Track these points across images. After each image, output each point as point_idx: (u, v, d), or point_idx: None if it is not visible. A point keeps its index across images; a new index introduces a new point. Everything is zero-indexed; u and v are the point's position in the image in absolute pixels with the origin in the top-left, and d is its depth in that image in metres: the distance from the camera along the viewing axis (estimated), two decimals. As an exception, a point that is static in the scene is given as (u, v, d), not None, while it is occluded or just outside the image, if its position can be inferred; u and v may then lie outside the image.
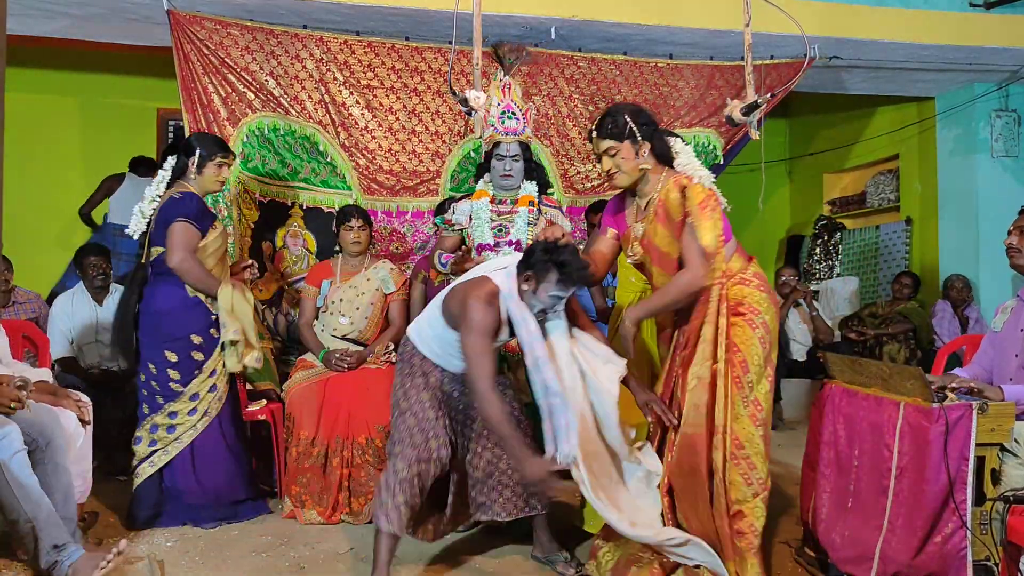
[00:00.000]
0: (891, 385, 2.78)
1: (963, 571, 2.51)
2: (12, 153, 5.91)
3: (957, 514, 2.50)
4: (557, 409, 2.62)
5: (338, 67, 4.56)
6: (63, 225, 6.66)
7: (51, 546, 2.67)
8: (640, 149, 2.79)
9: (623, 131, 2.78)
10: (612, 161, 2.81)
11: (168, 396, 3.51)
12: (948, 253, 6.48)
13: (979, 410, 2.54)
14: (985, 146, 6.25)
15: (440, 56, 4.70)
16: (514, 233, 3.54)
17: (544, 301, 2.69)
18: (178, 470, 3.51)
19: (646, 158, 2.80)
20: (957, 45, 5.31)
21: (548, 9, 4.66)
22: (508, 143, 3.53)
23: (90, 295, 4.71)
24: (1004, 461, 2.62)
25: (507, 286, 2.71)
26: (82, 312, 4.65)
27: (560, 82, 4.93)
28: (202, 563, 3.16)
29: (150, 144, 7.08)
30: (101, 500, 3.81)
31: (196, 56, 4.30)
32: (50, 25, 4.80)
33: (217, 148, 3.61)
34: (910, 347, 5.92)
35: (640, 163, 2.81)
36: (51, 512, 2.71)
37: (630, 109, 2.85)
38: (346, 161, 4.55)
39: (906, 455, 2.63)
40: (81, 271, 4.74)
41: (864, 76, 5.93)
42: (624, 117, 2.79)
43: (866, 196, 7.46)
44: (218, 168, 3.59)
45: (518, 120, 3.54)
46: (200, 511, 3.54)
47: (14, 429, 2.70)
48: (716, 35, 4.94)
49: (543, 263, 2.65)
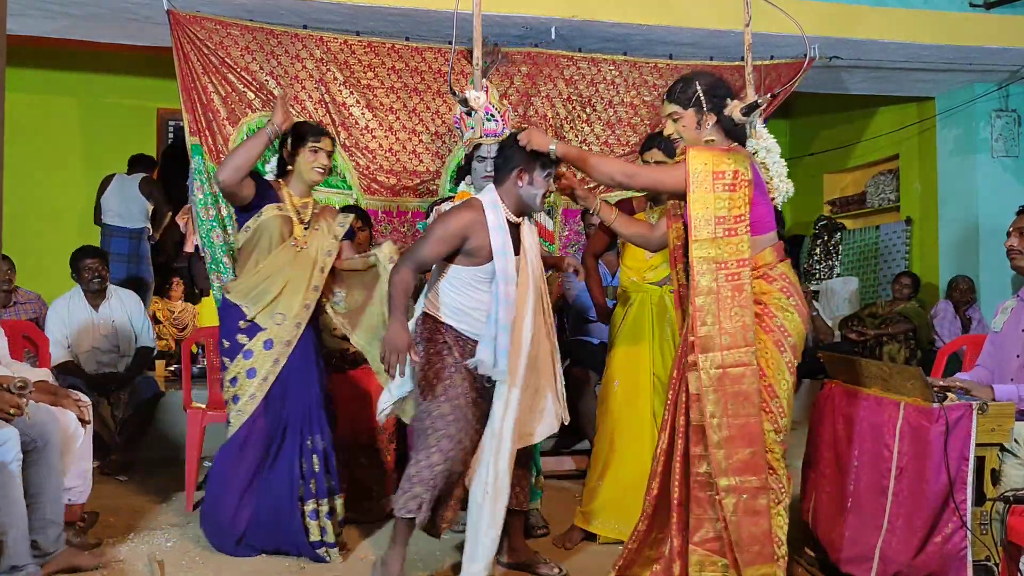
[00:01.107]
0: (891, 385, 2.78)
1: (963, 571, 2.50)
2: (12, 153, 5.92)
3: (957, 514, 2.50)
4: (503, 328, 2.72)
5: (338, 67, 4.56)
6: (63, 225, 6.67)
7: (10, 566, 2.64)
8: (704, 120, 2.70)
9: (690, 99, 2.70)
10: (674, 127, 2.74)
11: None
12: (948, 253, 6.48)
13: (979, 410, 2.54)
14: (985, 146, 6.25)
15: (440, 56, 4.70)
16: None
17: (540, 184, 2.84)
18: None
19: (710, 130, 2.70)
20: (957, 45, 5.31)
21: (548, 9, 4.66)
22: (489, 144, 3.56)
23: (87, 299, 4.64)
24: (1004, 461, 2.62)
25: (488, 197, 2.85)
26: (79, 316, 4.59)
27: (560, 83, 4.93)
28: (202, 563, 3.16)
29: (150, 144, 7.09)
30: (101, 500, 3.80)
31: (196, 56, 4.30)
32: (50, 25, 4.80)
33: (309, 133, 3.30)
34: (910, 347, 5.92)
35: (703, 135, 2.70)
36: (24, 533, 2.67)
37: (707, 78, 2.77)
38: (346, 161, 4.55)
39: (906, 455, 2.63)
40: (77, 274, 4.64)
41: (864, 76, 5.93)
42: (696, 85, 2.71)
43: (866, 196, 7.46)
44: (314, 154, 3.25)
45: (497, 122, 3.57)
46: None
47: (13, 435, 2.68)
48: (716, 35, 4.94)
49: (522, 153, 2.80)
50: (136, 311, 4.80)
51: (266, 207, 3.17)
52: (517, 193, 2.85)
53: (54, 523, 2.88)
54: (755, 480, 2.50)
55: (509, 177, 2.84)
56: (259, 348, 3.16)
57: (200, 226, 4.20)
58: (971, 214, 6.27)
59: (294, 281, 3.17)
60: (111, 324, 4.67)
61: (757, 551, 2.49)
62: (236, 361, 3.17)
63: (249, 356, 3.16)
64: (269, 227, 3.17)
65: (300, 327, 3.18)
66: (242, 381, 3.17)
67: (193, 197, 4.27)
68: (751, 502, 2.49)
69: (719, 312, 2.53)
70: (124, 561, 3.12)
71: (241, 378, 3.17)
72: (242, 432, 3.17)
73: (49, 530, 2.86)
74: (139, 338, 4.77)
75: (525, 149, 2.79)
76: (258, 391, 3.15)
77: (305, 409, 3.20)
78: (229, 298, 3.20)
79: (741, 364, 2.50)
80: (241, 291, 3.18)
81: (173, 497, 4.05)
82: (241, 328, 3.17)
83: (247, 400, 3.16)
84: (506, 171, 2.85)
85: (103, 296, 4.69)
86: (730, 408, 2.50)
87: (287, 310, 3.16)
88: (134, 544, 3.31)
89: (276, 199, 3.21)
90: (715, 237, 2.55)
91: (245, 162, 3.05)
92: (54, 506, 2.88)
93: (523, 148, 2.79)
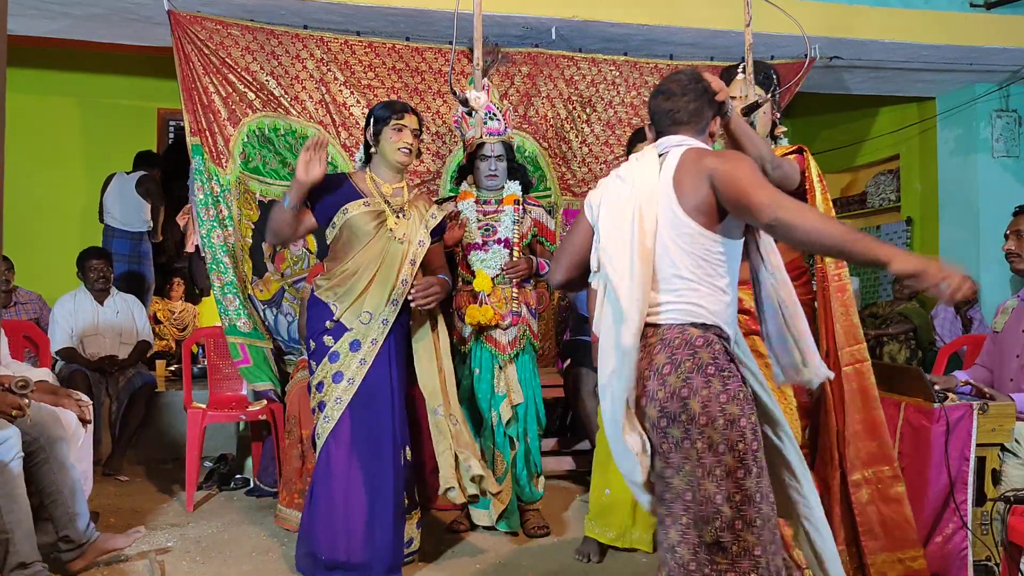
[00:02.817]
0: (892, 385, 2.78)
1: (964, 571, 2.51)
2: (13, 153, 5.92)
3: (958, 514, 2.50)
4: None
5: (339, 67, 4.56)
6: (64, 225, 6.67)
7: (18, 563, 2.64)
8: (773, 111, 2.75)
9: (772, 87, 2.72)
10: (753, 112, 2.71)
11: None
12: (948, 253, 6.47)
13: (980, 410, 2.54)
14: (986, 146, 6.25)
15: (440, 56, 4.70)
16: (501, 232, 3.54)
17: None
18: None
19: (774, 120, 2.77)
20: (957, 45, 5.30)
21: (548, 9, 4.65)
22: (492, 144, 3.57)
23: (94, 302, 4.82)
24: (1004, 461, 2.62)
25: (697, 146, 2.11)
26: (84, 310, 4.76)
27: (560, 84, 4.92)
28: (202, 563, 3.16)
29: (150, 144, 7.08)
30: (101, 500, 3.81)
31: (196, 56, 4.30)
32: (50, 25, 4.79)
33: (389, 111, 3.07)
34: (910, 347, 5.92)
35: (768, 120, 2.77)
36: (29, 531, 2.67)
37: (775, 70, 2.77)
38: (347, 161, 4.54)
39: (906, 455, 2.63)
40: (83, 273, 4.84)
41: (865, 76, 5.92)
42: (774, 76, 2.73)
43: (867, 196, 7.46)
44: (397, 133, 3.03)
45: (499, 121, 3.59)
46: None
47: (14, 434, 2.69)
48: (717, 35, 4.94)
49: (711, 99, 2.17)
50: (138, 312, 4.99)
51: (351, 204, 2.95)
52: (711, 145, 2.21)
53: (80, 515, 2.91)
54: (888, 469, 2.53)
55: (706, 126, 2.16)
56: (345, 350, 2.95)
57: (200, 226, 4.19)
58: (971, 214, 6.27)
59: (383, 274, 2.96)
60: (114, 320, 4.83)
61: (900, 536, 2.52)
62: (322, 365, 2.94)
63: (335, 359, 2.94)
64: (355, 224, 2.95)
65: (387, 324, 2.96)
66: (328, 386, 2.94)
67: (193, 197, 4.27)
68: (888, 490, 2.54)
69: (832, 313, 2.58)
70: (125, 561, 3.12)
71: (327, 383, 2.94)
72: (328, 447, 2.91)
73: (77, 522, 2.90)
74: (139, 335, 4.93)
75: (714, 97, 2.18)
76: (344, 394, 2.91)
77: (391, 416, 2.95)
78: (318, 295, 3.00)
79: (856, 361, 2.55)
80: (329, 287, 2.98)
81: (173, 497, 4.06)
82: (327, 329, 2.96)
83: (333, 404, 2.92)
84: (703, 117, 2.14)
85: (106, 295, 4.88)
86: (851, 405, 2.54)
87: (374, 307, 2.95)
88: (134, 544, 3.31)
89: (358, 194, 2.99)
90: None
91: (278, 226, 2.93)
92: (75, 498, 2.91)
93: (713, 94, 2.17)
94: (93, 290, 4.82)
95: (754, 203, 1.83)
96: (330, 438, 2.91)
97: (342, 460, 2.89)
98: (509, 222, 3.55)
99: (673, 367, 1.89)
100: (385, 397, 2.94)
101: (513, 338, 3.52)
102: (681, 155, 2.02)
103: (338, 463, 2.89)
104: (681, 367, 1.88)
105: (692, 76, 2.16)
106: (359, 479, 2.89)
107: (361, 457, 2.90)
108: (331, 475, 2.89)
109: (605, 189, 2.15)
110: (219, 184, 4.22)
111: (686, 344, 1.90)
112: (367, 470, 2.89)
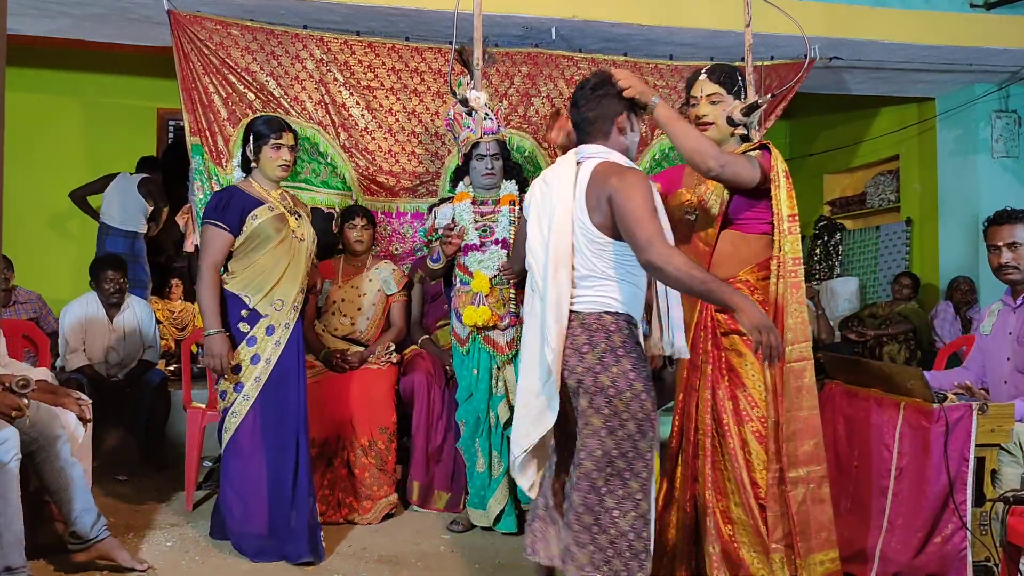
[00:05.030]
0: (891, 385, 2.78)
1: (963, 571, 2.51)
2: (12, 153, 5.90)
3: (957, 515, 2.50)
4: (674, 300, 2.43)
5: (338, 67, 4.56)
6: (64, 225, 6.67)
7: (4, 567, 2.62)
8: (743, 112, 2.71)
9: (733, 84, 2.70)
10: (711, 109, 2.68)
11: None
12: (948, 254, 6.48)
13: (979, 411, 2.54)
14: (985, 147, 6.25)
15: (440, 57, 4.69)
16: (499, 232, 3.54)
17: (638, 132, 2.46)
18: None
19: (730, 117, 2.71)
20: (957, 46, 5.30)
21: (548, 9, 4.65)
22: (487, 143, 3.58)
23: (104, 310, 4.68)
24: (1001, 461, 2.63)
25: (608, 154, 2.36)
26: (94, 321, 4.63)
27: (560, 83, 4.92)
28: (202, 563, 3.16)
29: (150, 144, 7.09)
30: (101, 500, 3.80)
31: (196, 56, 4.30)
32: (50, 25, 4.79)
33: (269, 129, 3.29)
34: (910, 348, 5.92)
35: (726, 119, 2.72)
36: (20, 535, 2.64)
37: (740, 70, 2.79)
38: (346, 162, 4.55)
39: (906, 455, 2.63)
40: (96, 283, 4.70)
41: (864, 77, 5.92)
42: (737, 74, 2.73)
43: (866, 197, 7.46)
44: (275, 151, 3.27)
45: (493, 120, 3.60)
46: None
47: (12, 435, 2.67)
48: (717, 35, 4.94)
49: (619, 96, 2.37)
50: (146, 320, 4.84)
51: (258, 210, 3.21)
52: (624, 144, 2.40)
53: (88, 511, 2.91)
54: (820, 469, 2.54)
55: (612, 126, 2.36)
56: (262, 334, 3.21)
57: (200, 226, 4.19)
58: (971, 215, 6.26)
59: (292, 269, 3.25)
60: (124, 331, 4.72)
61: (825, 537, 2.52)
62: (239, 349, 3.20)
63: (253, 343, 3.21)
64: (263, 228, 3.21)
65: (296, 310, 3.26)
66: (246, 367, 3.20)
67: (193, 197, 4.28)
68: (818, 491, 2.53)
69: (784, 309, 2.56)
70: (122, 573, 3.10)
71: (245, 365, 3.20)
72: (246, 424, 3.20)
73: (85, 518, 2.90)
74: (146, 351, 4.79)
75: (621, 93, 2.36)
76: (262, 374, 3.19)
77: (296, 404, 3.23)
78: (228, 289, 3.23)
79: (803, 359, 2.54)
80: (240, 282, 3.23)
81: (173, 497, 4.05)
82: (243, 317, 3.22)
83: (252, 385, 3.19)
84: (606, 119, 2.35)
85: (118, 310, 4.73)
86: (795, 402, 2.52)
87: (285, 296, 3.23)
88: (134, 544, 3.31)
89: (256, 201, 3.24)
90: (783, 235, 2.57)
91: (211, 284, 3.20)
92: (82, 495, 2.91)
93: (620, 91, 2.36)
94: (107, 303, 4.67)
95: (634, 240, 2.17)
96: (249, 414, 3.19)
97: (257, 435, 3.20)
98: (506, 223, 3.55)
99: (591, 347, 2.24)
100: (294, 377, 3.24)
101: (511, 339, 3.52)
102: (592, 169, 2.28)
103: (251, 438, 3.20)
104: (597, 347, 2.24)
105: (594, 83, 2.39)
106: (271, 454, 3.19)
107: (270, 431, 3.20)
108: (243, 450, 3.20)
109: (533, 192, 2.44)
110: (219, 184, 4.22)
111: (602, 328, 2.25)
112: (277, 444, 3.19)
